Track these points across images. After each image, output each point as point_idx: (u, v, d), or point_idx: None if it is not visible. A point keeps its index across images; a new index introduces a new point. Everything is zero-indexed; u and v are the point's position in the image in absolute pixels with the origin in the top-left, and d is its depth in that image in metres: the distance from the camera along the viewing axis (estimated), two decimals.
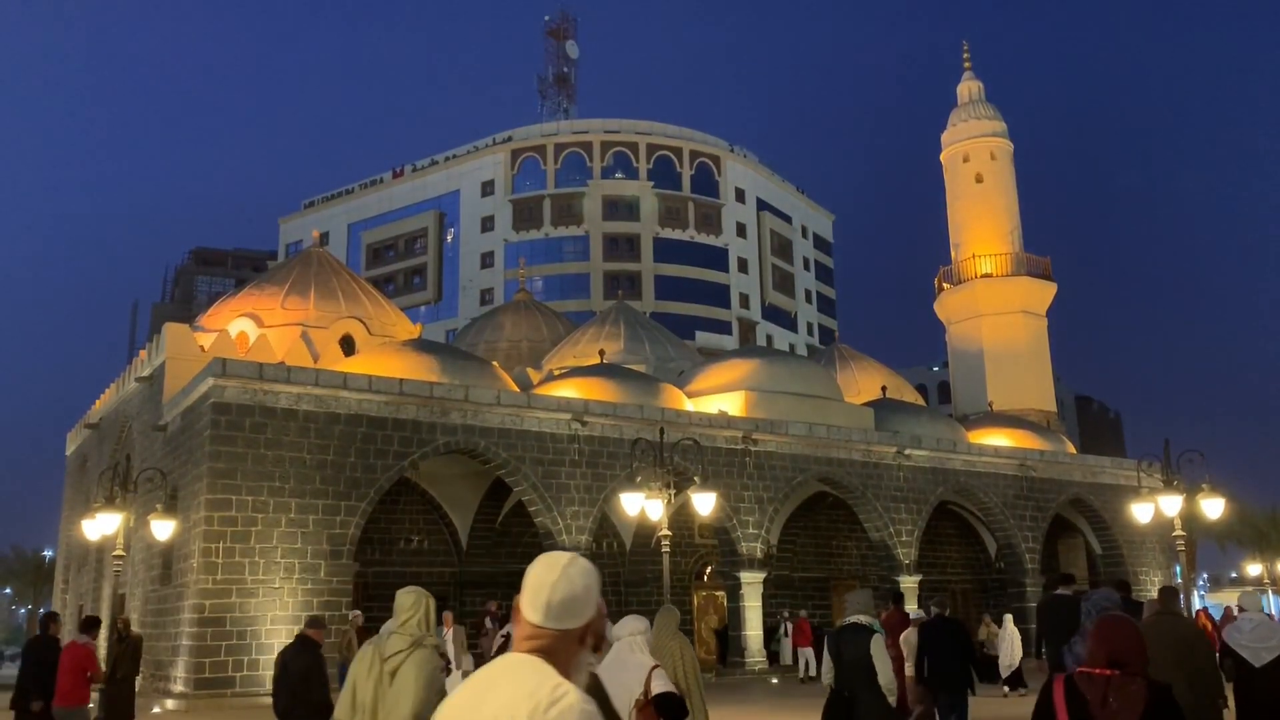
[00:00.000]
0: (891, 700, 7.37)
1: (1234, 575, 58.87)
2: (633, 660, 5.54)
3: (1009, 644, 20.67)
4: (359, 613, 20.73)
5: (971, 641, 13.02)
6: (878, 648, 7.37)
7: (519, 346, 39.16)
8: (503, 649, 20.77)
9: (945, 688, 11.53)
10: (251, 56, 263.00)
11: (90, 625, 12.02)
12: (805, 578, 32.96)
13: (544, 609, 2.38)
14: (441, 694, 4.92)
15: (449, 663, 20.05)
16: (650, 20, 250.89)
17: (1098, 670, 3.97)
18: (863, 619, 7.67)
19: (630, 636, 5.67)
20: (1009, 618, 22.03)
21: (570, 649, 2.39)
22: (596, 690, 3.40)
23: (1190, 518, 22.19)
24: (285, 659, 8.90)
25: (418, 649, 5.17)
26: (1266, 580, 45.70)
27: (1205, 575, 61.99)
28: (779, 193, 77.07)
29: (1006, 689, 20.17)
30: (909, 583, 29.11)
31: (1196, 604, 28.79)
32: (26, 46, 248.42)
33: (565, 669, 2.34)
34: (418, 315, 59.90)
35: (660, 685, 5.44)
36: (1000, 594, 32.92)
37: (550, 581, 2.40)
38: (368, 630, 24.19)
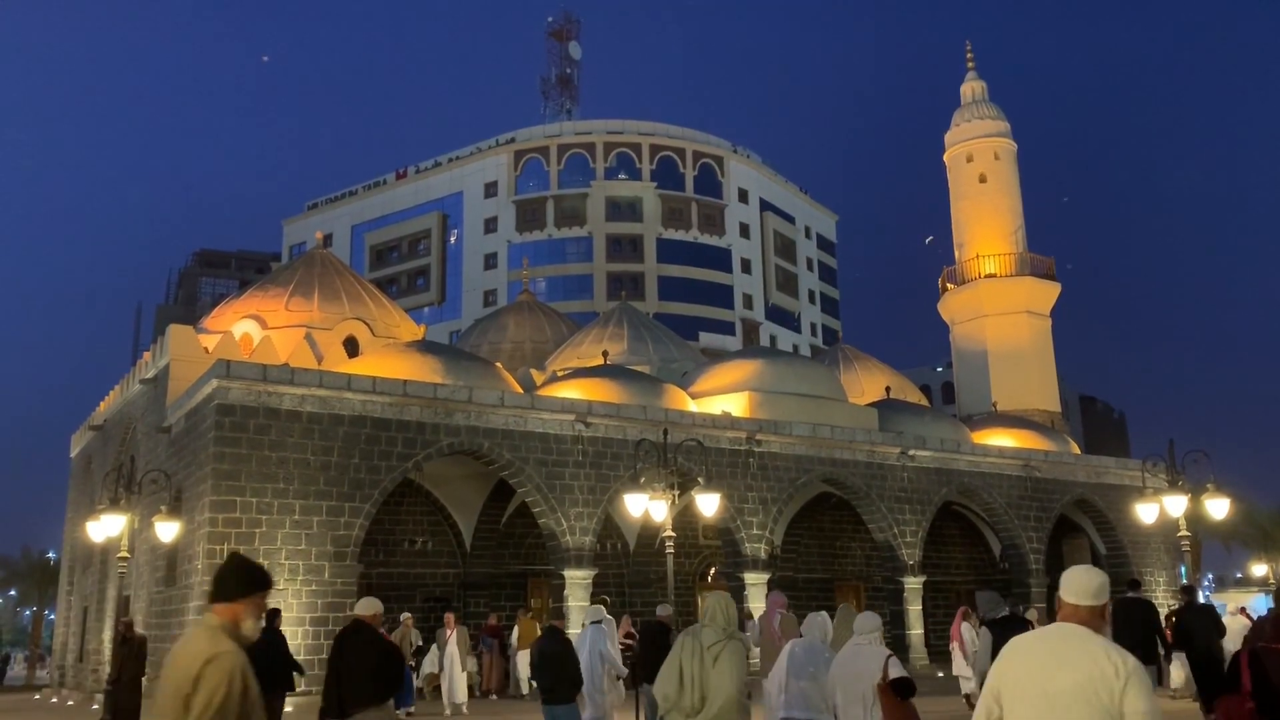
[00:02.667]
0: None
1: (1239, 575, 58.70)
2: (870, 651, 7.17)
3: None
4: (409, 615, 21.29)
5: (1158, 620, 15.24)
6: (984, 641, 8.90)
7: (522, 348, 39.17)
8: (505, 669, 20.31)
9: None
10: (255, 58, 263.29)
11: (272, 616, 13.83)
12: (809, 579, 32.93)
13: (1090, 593, 3.84)
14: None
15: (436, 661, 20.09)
16: (653, 21, 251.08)
17: (1275, 645, 6.33)
18: (1004, 611, 9.03)
19: (869, 634, 7.30)
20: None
21: (1097, 620, 3.81)
22: None
23: (1195, 518, 22.13)
24: (541, 646, 11.08)
25: (731, 640, 6.71)
26: (1271, 580, 45.58)
27: (1210, 575, 61.82)
28: (782, 193, 77.04)
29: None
30: (913, 584, 29.08)
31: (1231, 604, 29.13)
32: (28, 47, 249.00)
33: (1099, 632, 3.77)
34: (421, 316, 59.96)
35: (895, 671, 6.97)
36: (1005, 595, 32.83)
37: (1089, 576, 3.89)
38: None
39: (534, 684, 13.05)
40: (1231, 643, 19.56)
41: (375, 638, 8.23)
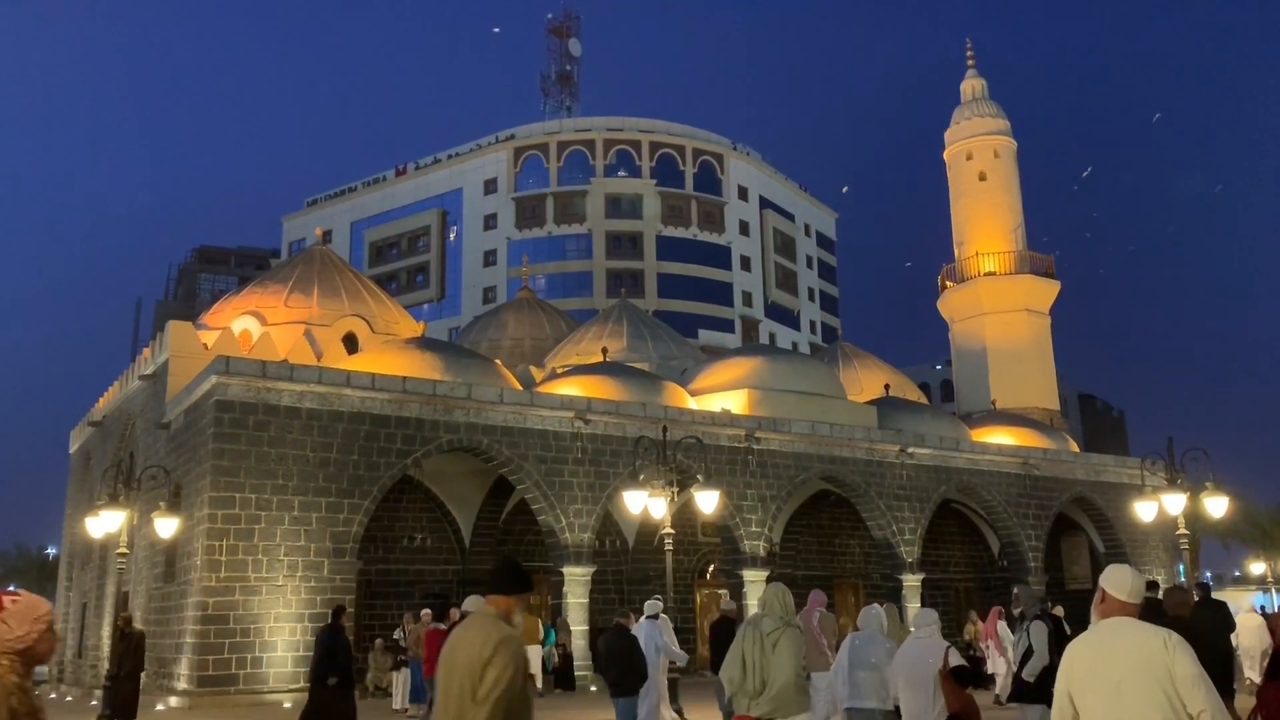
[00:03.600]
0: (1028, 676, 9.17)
1: (1237, 574, 58.75)
2: (931, 642, 7.99)
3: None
4: (429, 611, 21.01)
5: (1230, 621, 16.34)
6: (1037, 634, 9.08)
7: (522, 344, 39.17)
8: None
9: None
10: (254, 55, 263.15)
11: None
12: (808, 576, 32.90)
13: (1138, 592, 4.39)
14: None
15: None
16: (653, 18, 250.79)
17: None
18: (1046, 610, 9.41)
19: (928, 626, 8.16)
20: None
21: (1134, 615, 4.33)
22: None
23: (1194, 516, 22.15)
24: (609, 641, 12.23)
25: (788, 628, 7.31)
26: (1270, 579, 45.65)
27: (1209, 574, 61.87)
28: (782, 190, 77.05)
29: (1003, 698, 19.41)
30: (912, 581, 29.11)
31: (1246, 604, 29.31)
32: (28, 47, 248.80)
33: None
34: (421, 313, 59.90)
35: (955, 660, 7.87)
36: (1003, 592, 32.88)
37: (1137, 578, 4.44)
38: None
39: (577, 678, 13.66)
40: (1247, 639, 19.66)
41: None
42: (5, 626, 3.32)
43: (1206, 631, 15.05)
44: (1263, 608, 25.95)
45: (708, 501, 19.13)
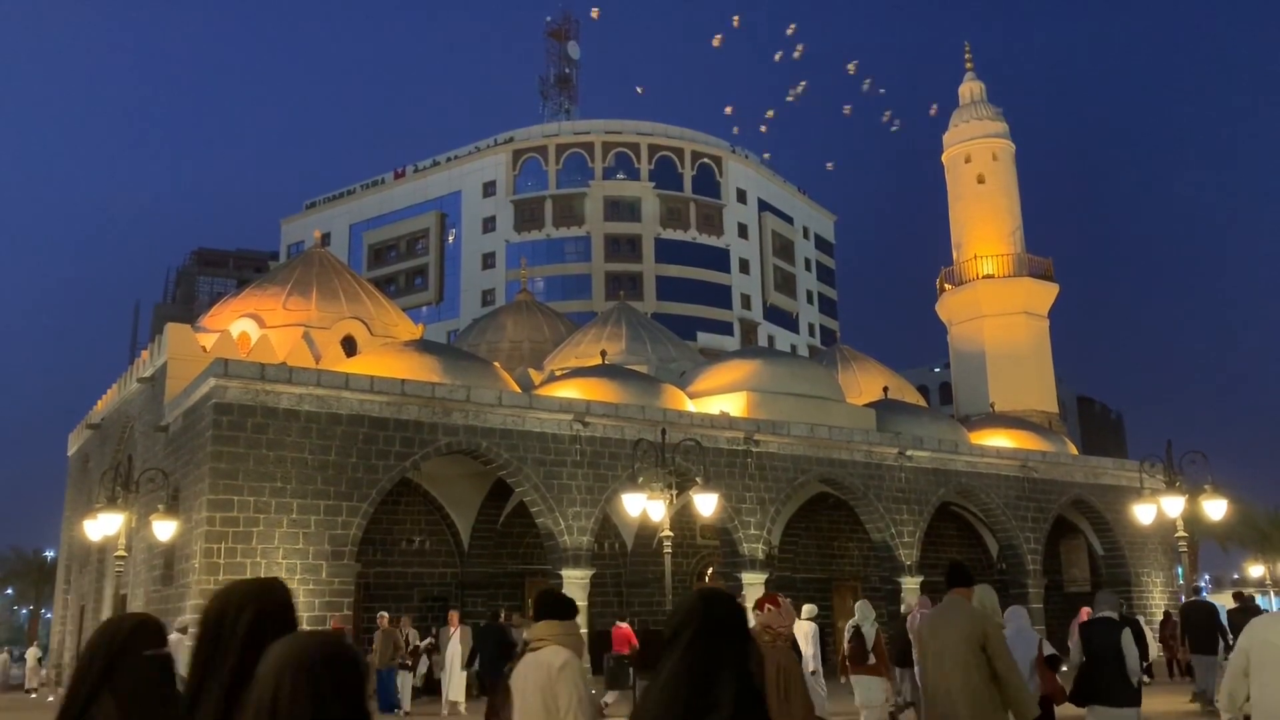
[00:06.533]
0: (1134, 681, 8.94)
1: (1236, 576, 58.75)
2: (1029, 635, 9.18)
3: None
4: (384, 614, 21.25)
5: (1219, 619, 17.60)
6: (1127, 639, 8.79)
7: (520, 347, 39.15)
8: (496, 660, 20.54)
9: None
10: (253, 57, 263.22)
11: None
12: (807, 578, 32.92)
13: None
14: None
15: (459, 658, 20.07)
16: (652, 21, 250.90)
17: None
18: (1114, 614, 9.37)
19: (1019, 620, 9.33)
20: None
21: None
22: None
23: (1192, 519, 22.14)
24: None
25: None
26: (1268, 581, 45.63)
27: (1207, 576, 61.91)
28: (780, 193, 77.06)
29: None
30: (910, 584, 29.08)
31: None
32: (26, 48, 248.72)
33: None
34: (419, 316, 59.93)
35: (1047, 650, 9.22)
36: (1002, 595, 32.83)
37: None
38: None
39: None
40: None
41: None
42: (778, 616, 5.11)
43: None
44: None
45: (706, 504, 19.11)
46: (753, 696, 2.56)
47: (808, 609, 16.85)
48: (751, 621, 6.01)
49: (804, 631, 16.36)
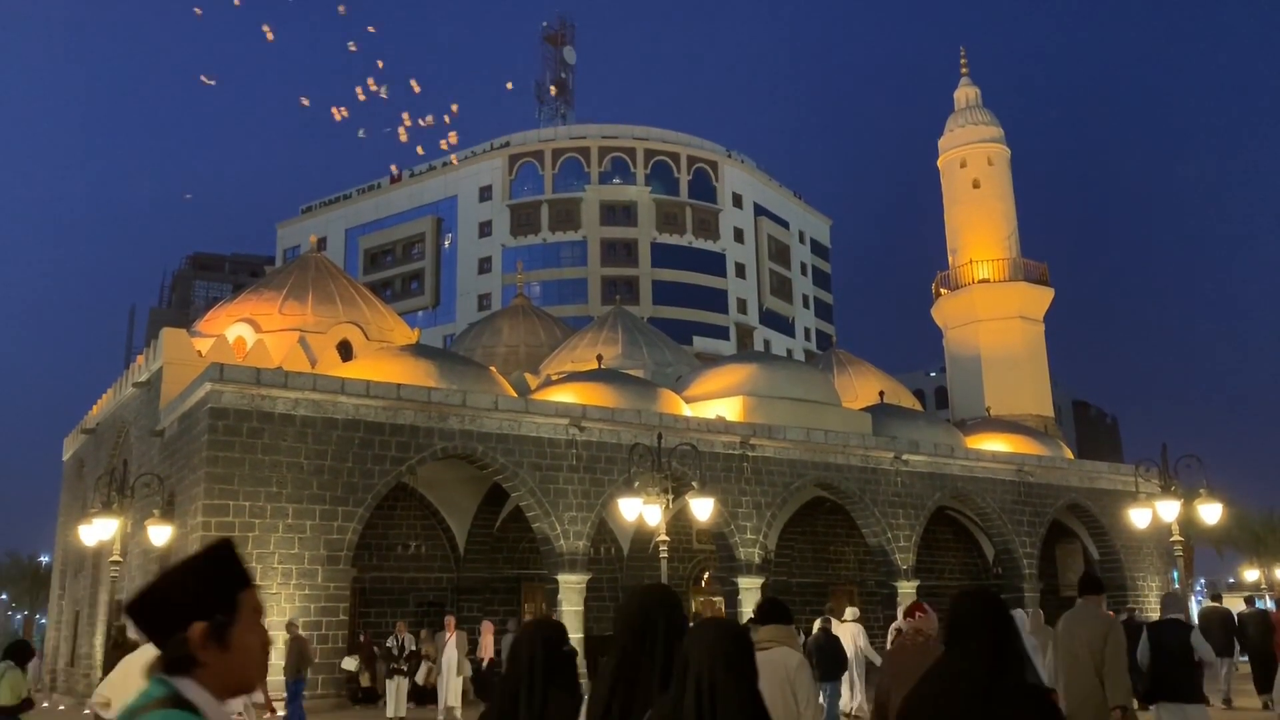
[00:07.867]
0: (1207, 661, 9.59)
1: (1231, 580, 58.81)
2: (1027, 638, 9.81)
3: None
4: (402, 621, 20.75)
5: (1234, 624, 18.69)
6: (1198, 638, 9.32)
7: (517, 351, 39.13)
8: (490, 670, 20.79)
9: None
10: (250, 61, 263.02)
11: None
12: (803, 583, 32.93)
13: None
14: None
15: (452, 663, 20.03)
16: (648, 26, 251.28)
17: None
18: (1180, 616, 9.67)
19: (1023, 623, 9.84)
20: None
21: None
22: None
23: (1188, 523, 22.18)
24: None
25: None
26: (1263, 585, 45.69)
27: (1203, 580, 61.94)
28: (776, 198, 77.12)
29: None
30: (907, 588, 29.09)
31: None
32: (23, 50, 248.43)
33: None
34: (415, 320, 59.87)
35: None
36: (1003, 598, 32.87)
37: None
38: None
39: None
40: None
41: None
42: (927, 621, 6.24)
43: (1254, 637, 18.91)
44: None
45: (703, 509, 19.12)
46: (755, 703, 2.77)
47: (850, 611, 18.92)
48: (904, 625, 7.07)
49: (850, 632, 17.79)
